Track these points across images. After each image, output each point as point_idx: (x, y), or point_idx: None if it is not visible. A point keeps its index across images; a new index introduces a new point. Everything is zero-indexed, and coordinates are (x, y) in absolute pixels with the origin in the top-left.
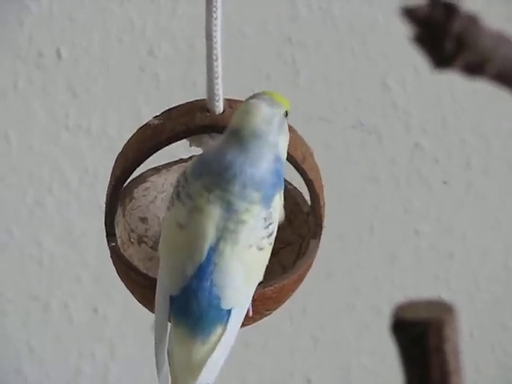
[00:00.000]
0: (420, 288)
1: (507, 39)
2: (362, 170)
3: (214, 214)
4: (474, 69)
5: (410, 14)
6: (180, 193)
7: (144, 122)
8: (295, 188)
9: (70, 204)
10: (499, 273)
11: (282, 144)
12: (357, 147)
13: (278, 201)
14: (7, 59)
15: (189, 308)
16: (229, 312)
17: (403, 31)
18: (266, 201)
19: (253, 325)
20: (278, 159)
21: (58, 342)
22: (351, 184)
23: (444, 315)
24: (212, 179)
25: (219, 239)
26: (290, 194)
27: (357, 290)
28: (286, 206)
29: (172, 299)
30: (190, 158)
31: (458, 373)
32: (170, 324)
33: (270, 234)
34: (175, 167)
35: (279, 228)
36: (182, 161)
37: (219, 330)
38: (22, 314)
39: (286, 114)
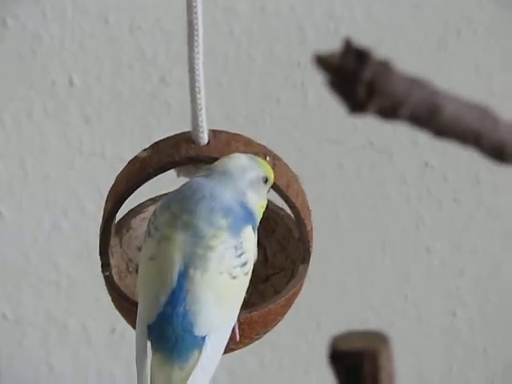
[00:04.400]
0: (432, 305)
1: (420, 83)
2: (373, 189)
3: (180, 240)
4: (388, 113)
5: (322, 62)
6: (150, 229)
7: None
8: (288, 214)
9: (86, 227)
10: (511, 288)
11: (252, 199)
12: (367, 167)
13: (251, 234)
14: (21, 89)
15: (164, 334)
16: (204, 338)
17: (410, 51)
18: (234, 230)
19: (268, 342)
20: (243, 207)
21: (77, 362)
22: (363, 203)
23: (378, 345)
24: (180, 205)
25: (188, 265)
26: (283, 221)
27: (370, 307)
28: (278, 232)
29: (149, 328)
30: None
31: None
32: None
33: (244, 264)
34: None
35: (274, 253)
36: None
37: (197, 355)
38: (41, 336)
39: (266, 181)
